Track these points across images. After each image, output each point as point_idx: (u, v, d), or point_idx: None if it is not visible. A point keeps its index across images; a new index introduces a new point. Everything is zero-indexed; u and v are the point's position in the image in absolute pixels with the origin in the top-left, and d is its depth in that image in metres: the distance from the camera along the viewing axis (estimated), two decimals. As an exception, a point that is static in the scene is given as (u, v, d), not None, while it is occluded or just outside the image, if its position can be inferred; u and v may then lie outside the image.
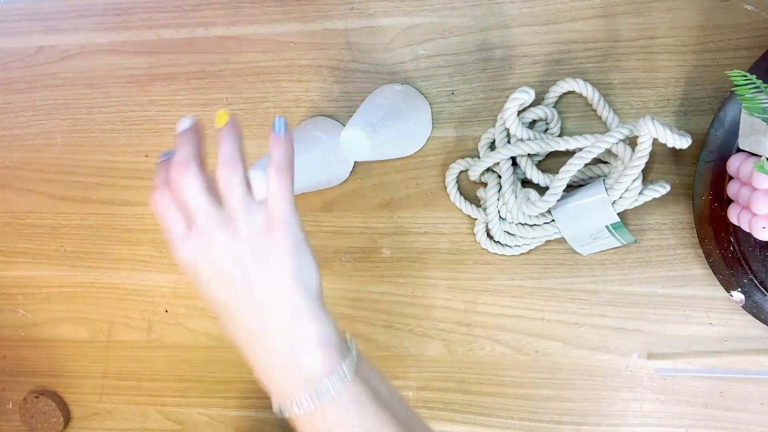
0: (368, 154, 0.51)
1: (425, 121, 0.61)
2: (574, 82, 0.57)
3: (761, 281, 0.55)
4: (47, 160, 0.72)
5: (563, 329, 0.64)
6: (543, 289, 0.63)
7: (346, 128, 0.51)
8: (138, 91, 0.68)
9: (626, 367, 0.63)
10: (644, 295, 0.61)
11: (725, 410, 0.61)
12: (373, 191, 0.65)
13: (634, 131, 0.53)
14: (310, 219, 0.67)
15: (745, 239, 0.55)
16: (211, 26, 0.65)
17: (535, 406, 0.65)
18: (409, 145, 0.61)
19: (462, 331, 0.66)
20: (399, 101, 0.58)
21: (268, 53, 0.64)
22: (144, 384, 0.75)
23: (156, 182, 0.46)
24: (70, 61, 0.69)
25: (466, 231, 0.64)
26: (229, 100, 0.66)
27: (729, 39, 0.55)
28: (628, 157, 0.55)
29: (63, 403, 0.77)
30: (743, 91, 0.46)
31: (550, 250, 0.62)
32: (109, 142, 0.70)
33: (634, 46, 0.57)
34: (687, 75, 0.57)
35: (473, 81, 0.61)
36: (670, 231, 0.60)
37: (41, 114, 0.71)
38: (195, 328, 0.72)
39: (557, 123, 0.59)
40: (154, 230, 0.71)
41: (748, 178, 0.49)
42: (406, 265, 0.66)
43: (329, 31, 0.62)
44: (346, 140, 0.52)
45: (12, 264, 0.75)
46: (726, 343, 0.60)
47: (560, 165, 0.57)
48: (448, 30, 0.60)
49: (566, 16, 0.58)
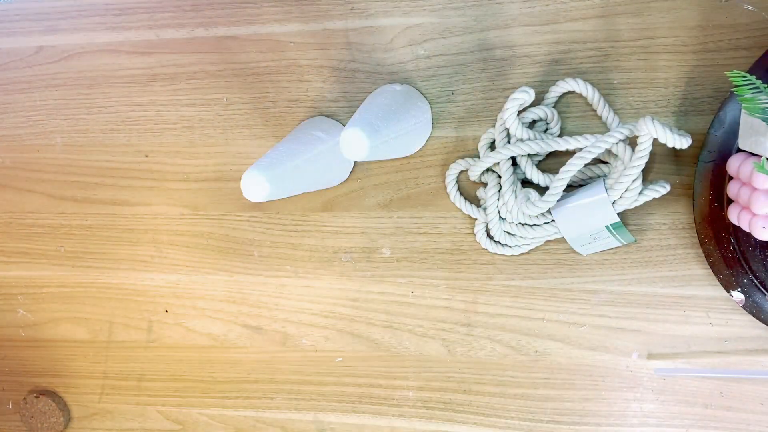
0: (368, 154, 0.51)
1: (425, 121, 0.61)
2: (574, 82, 0.57)
3: (761, 281, 0.55)
4: (47, 160, 0.72)
5: (563, 329, 0.63)
6: (543, 289, 0.63)
7: (346, 128, 0.51)
8: (138, 91, 0.68)
9: (626, 367, 0.63)
10: (644, 295, 0.61)
11: (725, 410, 0.61)
12: (373, 191, 0.65)
13: (634, 131, 0.53)
14: (310, 219, 0.67)
15: (745, 239, 0.55)
16: (211, 26, 0.65)
17: (534, 406, 0.65)
18: (409, 145, 0.61)
19: (462, 331, 0.66)
20: (399, 101, 0.58)
21: (268, 53, 0.64)
22: (144, 384, 0.75)
23: None
24: (70, 61, 0.69)
25: (466, 231, 0.64)
26: (229, 100, 0.66)
27: (729, 39, 0.55)
28: (628, 157, 0.55)
29: (63, 403, 0.77)
30: (743, 92, 0.46)
31: (550, 250, 0.62)
32: (109, 142, 0.70)
33: (634, 46, 0.57)
34: (687, 75, 0.57)
35: (473, 81, 0.61)
36: (670, 231, 0.60)
37: (41, 114, 0.71)
38: (195, 328, 0.72)
39: (557, 123, 0.59)
40: (154, 230, 0.71)
41: (748, 178, 0.49)
42: (405, 265, 0.66)
43: (329, 31, 0.62)
44: (346, 140, 0.52)
45: (12, 264, 0.75)
46: (726, 343, 0.60)
47: (560, 165, 0.57)
48: (448, 30, 0.60)
49: (566, 16, 0.58)
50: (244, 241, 0.69)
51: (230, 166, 0.68)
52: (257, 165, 0.53)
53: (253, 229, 0.68)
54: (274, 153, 0.55)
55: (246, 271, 0.69)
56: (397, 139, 0.56)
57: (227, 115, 0.67)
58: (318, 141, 0.59)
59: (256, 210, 0.68)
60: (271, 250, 0.68)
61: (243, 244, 0.69)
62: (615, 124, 0.57)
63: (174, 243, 0.71)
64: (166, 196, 0.70)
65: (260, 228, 0.68)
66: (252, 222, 0.68)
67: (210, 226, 0.69)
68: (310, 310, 0.69)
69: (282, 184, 0.53)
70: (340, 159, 0.62)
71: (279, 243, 0.68)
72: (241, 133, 0.67)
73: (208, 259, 0.70)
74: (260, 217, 0.68)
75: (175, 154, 0.69)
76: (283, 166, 0.54)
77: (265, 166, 0.52)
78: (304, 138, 0.59)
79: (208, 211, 0.69)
